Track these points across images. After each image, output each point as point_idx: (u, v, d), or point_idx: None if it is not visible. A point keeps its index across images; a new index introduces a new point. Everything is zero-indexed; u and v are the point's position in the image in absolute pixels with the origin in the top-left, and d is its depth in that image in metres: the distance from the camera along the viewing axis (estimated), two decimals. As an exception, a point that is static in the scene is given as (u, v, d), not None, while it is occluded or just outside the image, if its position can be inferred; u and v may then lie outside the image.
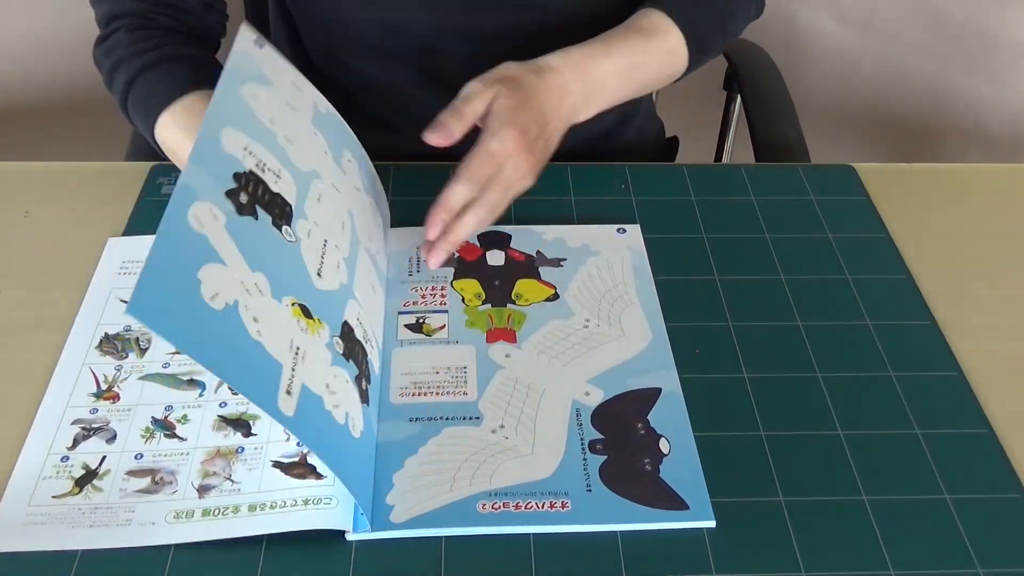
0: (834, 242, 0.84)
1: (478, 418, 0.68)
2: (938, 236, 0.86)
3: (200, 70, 0.83)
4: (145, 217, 0.85)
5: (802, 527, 0.62)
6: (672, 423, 0.68)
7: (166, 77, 0.82)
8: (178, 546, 0.60)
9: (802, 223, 0.86)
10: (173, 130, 0.81)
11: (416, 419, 0.68)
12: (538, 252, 0.81)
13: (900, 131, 1.72)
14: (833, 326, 0.76)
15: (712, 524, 0.62)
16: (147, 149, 1.03)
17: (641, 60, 0.84)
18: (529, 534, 0.61)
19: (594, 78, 0.81)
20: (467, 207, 0.74)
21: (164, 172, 0.90)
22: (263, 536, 0.61)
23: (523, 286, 0.78)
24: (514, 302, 0.77)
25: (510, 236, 0.83)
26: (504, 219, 0.79)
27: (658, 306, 0.77)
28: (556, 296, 0.77)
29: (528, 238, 0.83)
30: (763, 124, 0.89)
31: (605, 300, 0.77)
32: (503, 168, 0.74)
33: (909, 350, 0.75)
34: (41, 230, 0.84)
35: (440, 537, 0.61)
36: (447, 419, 0.68)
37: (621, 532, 0.62)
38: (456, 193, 0.73)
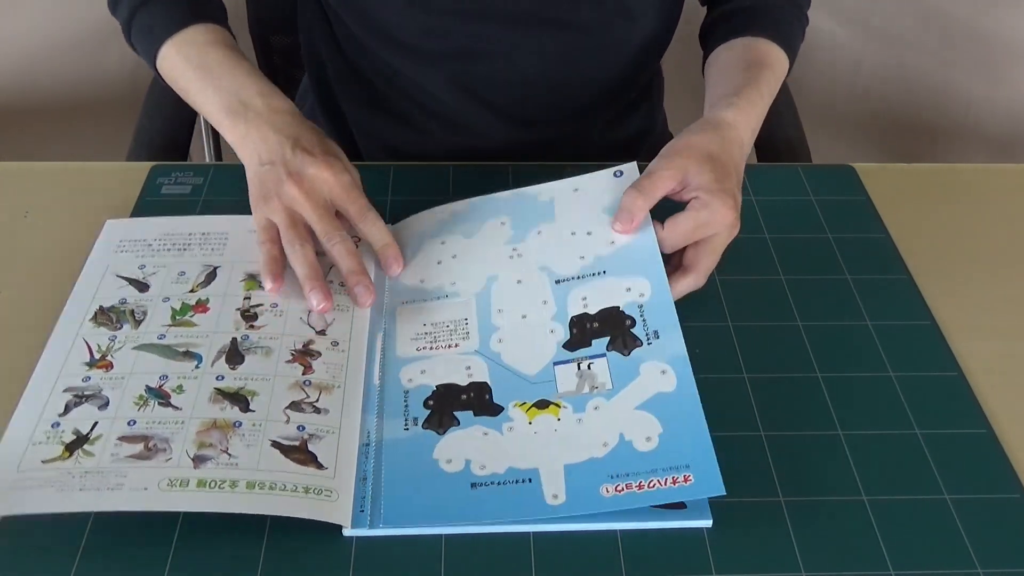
0: (834, 242, 0.84)
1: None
2: (938, 236, 0.86)
3: (202, 3, 0.87)
4: (145, 217, 0.85)
5: (802, 527, 0.62)
6: None
7: (168, 10, 0.85)
8: (180, 535, 0.60)
9: (802, 223, 0.86)
10: (175, 60, 0.84)
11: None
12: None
13: (900, 131, 1.72)
14: (833, 326, 0.76)
15: (709, 524, 0.62)
16: (147, 149, 1.04)
17: (771, 96, 0.86)
18: (529, 532, 0.61)
19: (755, 125, 0.82)
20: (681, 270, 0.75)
21: (164, 172, 0.90)
22: (265, 528, 0.61)
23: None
24: None
25: None
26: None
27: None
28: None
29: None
30: (764, 124, 0.89)
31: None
32: (720, 235, 0.74)
33: (909, 350, 0.75)
34: (41, 230, 0.84)
35: (440, 535, 0.61)
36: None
37: (621, 531, 0.62)
38: (685, 286, 0.74)
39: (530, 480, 0.63)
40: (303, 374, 0.70)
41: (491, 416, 0.67)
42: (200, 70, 0.83)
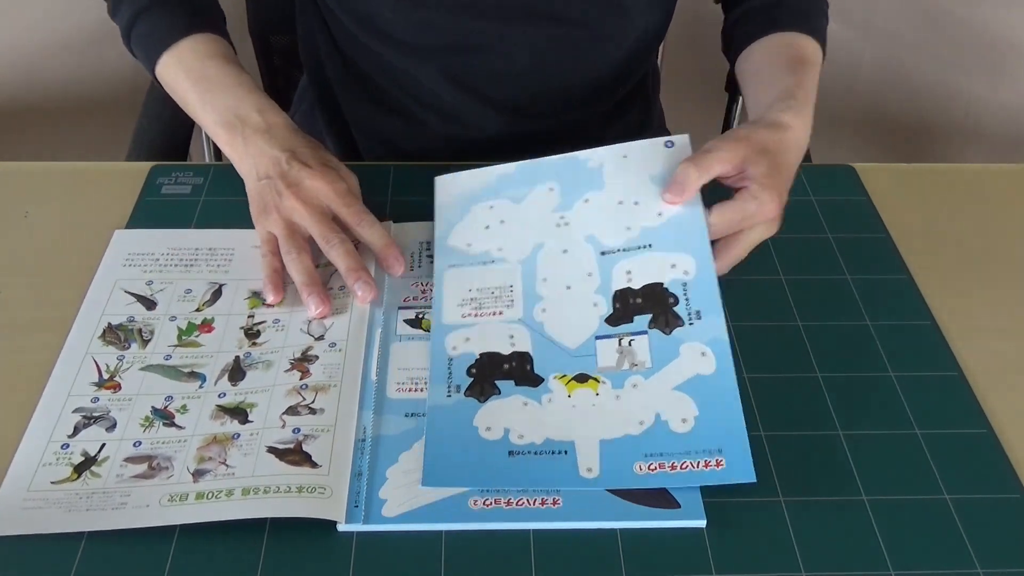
0: (834, 242, 0.84)
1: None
2: (938, 236, 0.86)
3: (201, 13, 0.88)
4: (145, 217, 0.85)
5: (802, 527, 0.62)
6: None
7: (168, 18, 0.86)
8: (180, 537, 0.61)
9: (802, 223, 0.86)
10: (176, 71, 0.86)
11: (412, 414, 0.68)
12: None
13: (900, 131, 1.72)
14: (833, 326, 0.76)
15: (703, 524, 0.62)
16: (147, 149, 1.04)
17: (815, 94, 0.86)
18: (529, 531, 0.61)
19: (810, 127, 0.82)
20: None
21: (164, 172, 0.90)
22: (265, 528, 0.61)
23: None
24: None
25: None
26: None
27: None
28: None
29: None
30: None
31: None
32: (755, 228, 0.75)
33: (909, 350, 0.75)
34: (41, 230, 0.84)
35: (440, 532, 0.61)
36: None
37: (621, 531, 0.62)
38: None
39: (566, 452, 0.64)
40: (300, 379, 0.70)
41: (532, 386, 0.68)
42: (199, 83, 0.84)
